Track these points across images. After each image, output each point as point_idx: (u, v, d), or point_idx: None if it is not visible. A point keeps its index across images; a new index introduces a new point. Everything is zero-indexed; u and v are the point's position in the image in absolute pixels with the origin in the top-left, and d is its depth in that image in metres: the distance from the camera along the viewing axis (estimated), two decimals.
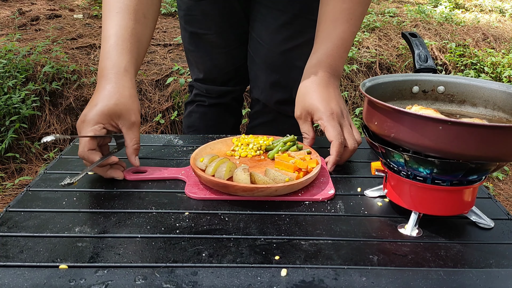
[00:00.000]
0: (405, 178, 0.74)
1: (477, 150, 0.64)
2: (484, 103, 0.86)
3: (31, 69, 2.68)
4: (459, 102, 0.89)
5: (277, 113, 1.41)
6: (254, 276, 0.62)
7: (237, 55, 1.38)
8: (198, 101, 1.47)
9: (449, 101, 0.89)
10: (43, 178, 0.91)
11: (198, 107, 1.47)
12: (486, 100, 0.86)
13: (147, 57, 3.06)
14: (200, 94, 1.46)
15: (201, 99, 1.46)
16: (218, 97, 1.44)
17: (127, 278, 0.61)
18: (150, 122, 2.63)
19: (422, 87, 0.90)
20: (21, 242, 0.69)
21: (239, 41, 1.37)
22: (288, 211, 0.79)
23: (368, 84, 0.83)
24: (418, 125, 0.66)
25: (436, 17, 4.02)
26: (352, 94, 2.78)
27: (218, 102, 1.45)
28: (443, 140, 0.64)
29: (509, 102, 0.82)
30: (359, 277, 0.62)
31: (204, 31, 1.32)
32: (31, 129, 2.55)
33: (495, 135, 0.63)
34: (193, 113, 1.49)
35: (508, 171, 2.43)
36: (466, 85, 0.88)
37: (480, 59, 3.06)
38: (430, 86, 0.90)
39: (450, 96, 0.89)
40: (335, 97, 0.98)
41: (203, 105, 1.46)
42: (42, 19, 3.70)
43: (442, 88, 0.89)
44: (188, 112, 1.51)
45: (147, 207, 0.80)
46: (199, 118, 1.48)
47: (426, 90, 0.90)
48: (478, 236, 0.73)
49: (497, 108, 0.84)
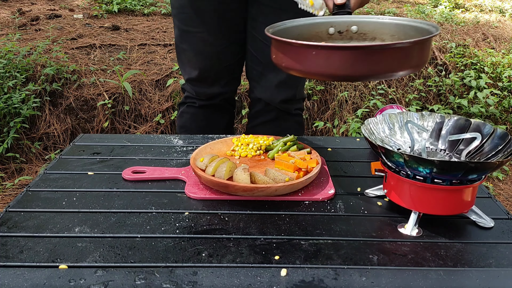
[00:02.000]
0: (404, 177, 0.74)
1: (346, 69, 0.72)
2: (390, 37, 0.92)
3: (31, 69, 2.68)
4: (371, 39, 0.95)
5: (279, 111, 1.42)
6: (254, 276, 0.62)
7: (229, 53, 1.39)
8: (189, 102, 1.48)
9: (363, 39, 0.96)
10: (43, 178, 0.91)
11: (189, 108, 1.48)
12: (392, 35, 0.92)
13: (147, 57, 3.06)
14: (190, 97, 1.47)
15: (191, 100, 1.47)
16: (208, 99, 1.45)
17: (127, 278, 0.61)
18: (150, 122, 2.63)
19: (337, 28, 0.97)
20: (21, 242, 0.69)
21: (233, 39, 1.37)
22: (288, 211, 0.79)
23: (281, 27, 0.91)
24: (297, 52, 0.75)
25: (436, 17, 4.01)
26: (352, 94, 2.78)
27: (208, 104, 1.46)
28: (319, 63, 0.73)
29: (408, 33, 0.89)
30: (359, 277, 0.62)
31: (197, 29, 1.32)
32: (31, 129, 2.55)
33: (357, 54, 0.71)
34: (184, 113, 1.50)
35: (508, 171, 2.43)
36: (375, 23, 0.94)
37: (480, 59, 3.06)
38: (344, 26, 0.96)
39: (363, 35, 0.95)
40: None
41: (193, 106, 1.47)
42: (42, 19, 3.70)
43: (355, 27, 0.95)
44: (180, 113, 1.52)
45: (147, 207, 0.80)
46: (190, 119, 1.49)
47: (341, 31, 0.97)
48: (478, 235, 0.73)
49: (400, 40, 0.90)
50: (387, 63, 0.72)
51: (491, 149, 0.79)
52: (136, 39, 3.35)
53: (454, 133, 0.86)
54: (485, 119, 2.77)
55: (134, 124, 2.65)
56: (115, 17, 3.94)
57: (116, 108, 2.64)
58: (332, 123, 2.68)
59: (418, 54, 0.75)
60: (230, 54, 1.39)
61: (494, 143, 0.79)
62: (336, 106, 2.74)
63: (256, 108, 1.46)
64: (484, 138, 0.81)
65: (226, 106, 1.50)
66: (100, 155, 1.03)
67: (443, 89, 2.90)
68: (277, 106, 1.41)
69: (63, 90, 2.67)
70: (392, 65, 0.73)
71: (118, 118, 2.64)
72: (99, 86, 2.67)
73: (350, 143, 1.13)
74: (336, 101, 2.75)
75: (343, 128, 2.53)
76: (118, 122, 2.64)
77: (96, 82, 2.69)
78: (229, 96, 1.49)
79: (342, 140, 1.17)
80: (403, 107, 1.11)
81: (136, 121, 2.67)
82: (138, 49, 3.19)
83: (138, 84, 2.75)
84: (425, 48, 0.77)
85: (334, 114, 2.74)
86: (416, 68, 0.76)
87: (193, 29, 1.33)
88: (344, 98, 2.76)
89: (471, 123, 0.85)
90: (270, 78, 1.36)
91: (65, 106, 2.63)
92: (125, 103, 2.65)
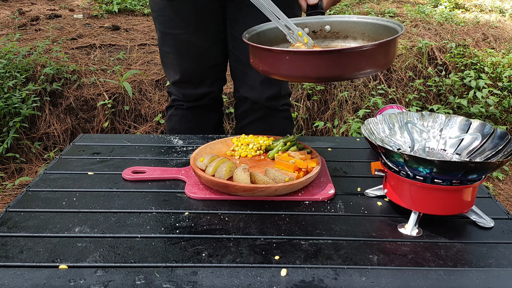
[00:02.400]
0: (404, 177, 0.74)
1: (314, 72, 0.79)
2: (361, 36, 1.00)
3: (31, 69, 2.68)
4: (343, 37, 1.02)
5: (267, 108, 1.42)
6: (254, 276, 0.62)
7: (213, 53, 1.39)
8: (176, 105, 1.48)
9: (335, 37, 1.03)
10: (43, 178, 0.91)
11: (177, 110, 1.48)
12: (362, 33, 1.00)
13: (147, 57, 3.06)
14: (177, 99, 1.47)
15: (179, 103, 1.47)
16: (195, 100, 1.45)
17: (127, 278, 0.61)
18: (150, 122, 2.63)
19: (312, 28, 1.03)
20: (21, 242, 0.69)
21: (215, 39, 1.37)
22: (288, 211, 0.79)
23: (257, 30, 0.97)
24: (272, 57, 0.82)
25: (436, 17, 4.01)
26: (352, 94, 2.78)
27: (196, 105, 1.46)
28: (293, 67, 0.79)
29: (377, 31, 0.96)
30: (359, 277, 0.62)
31: (179, 31, 1.32)
32: (31, 129, 2.55)
33: (323, 59, 0.78)
34: (173, 116, 1.50)
35: (508, 171, 2.43)
36: (346, 22, 1.01)
37: (480, 59, 3.06)
38: (318, 26, 1.03)
39: (336, 33, 1.03)
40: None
41: (181, 108, 1.47)
42: (42, 19, 3.70)
43: (328, 27, 1.02)
44: (169, 116, 1.52)
45: (147, 207, 0.80)
46: (179, 121, 1.49)
47: (315, 31, 1.03)
48: (478, 235, 0.73)
49: (370, 38, 0.99)
50: (355, 65, 0.79)
51: (491, 149, 0.79)
52: (136, 39, 3.35)
53: (454, 133, 0.86)
54: (485, 119, 2.77)
55: (134, 124, 2.65)
56: (115, 17, 3.94)
57: (116, 108, 2.64)
58: (332, 123, 2.68)
59: (384, 54, 0.82)
60: (213, 54, 1.39)
61: (494, 143, 0.79)
62: (336, 106, 2.74)
63: (243, 108, 1.46)
64: (484, 138, 0.81)
65: (214, 105, 1.51)
66: (100, 155, 1.03)
67: (443, 89, 2.90)
68: (264, 104, 1.41)
69: (63, 90, 2.67)
70: (359, 66, 0.79)
71: (118, 118, 2.64)
72: (99, 86, 2.67)
73: (350, 143, 1.13)
74: (336, 101, 2.75)
75: (343, 128, 2.53)
76: (118, 122, 2.64)
77: (96, 82, 2.69)
78: (216, 95, 1.49)
79: (342, 140, 1.17)
80: (403, 107, 1.11)
81: (136, 121, 2.67)
82: (138, 49, 3.19)
83: (138, 84, 2.75)
84: (390, 48, 0.83)
85: (334, 114, 2.74)
86: (383, 67, 0.83)
87: (174, 31, 1.33)
88: (344, 98, 2.76)
89: (471, 123, 0.85)
90: (254, 76, 1.36)
91: (65, 106, 2.63)
92: (125, 103, 2.65)
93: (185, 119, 1.48)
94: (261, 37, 0.96)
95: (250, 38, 0.94)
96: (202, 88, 1.42)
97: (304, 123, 2.70)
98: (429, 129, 0.88)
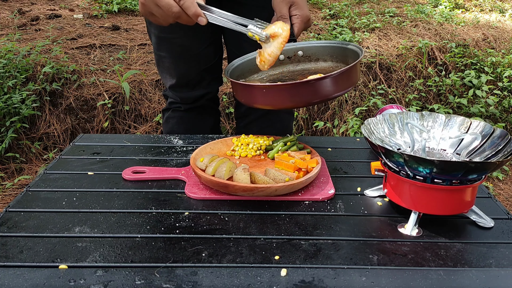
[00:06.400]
0: (404, 177, 0.74)
1: (289, 101, 0.89)
2: (330, 58, 1.12)
3: (31, 69, 2.68)
4: (315, 60, 1.13)
5: None
6: (254, 276, 0.62)
7: (208, 55, 1.39)
8: (174, 107, 1.48)
9: (308, 61, 1.14)
10: (43, 178, 0.91)
11: (175, 113, 1.48)
12: (331, 55, 1.12)
13: (147, 57, 3.06)
14: (175, 102, 1.47)
15: (177, 105, 1.47)
16: (193, 102, 1.45)
17: (127, 278, 0.61)
18: (150, 122, 2.63)
19: (286, 54, 1.14)
20: (21, 242, 0.69)
21: (210, 41, 1.37)
22: (288, 211, 0.79)
23: (237, 63, 1.08)
24: (252, 91, 0.93)
25: (436, 17, 4.01)
26: (352, 94, 2.78)
27: (193, 107, 1.46)
28: (269, 97, 0.90)
29: (344, 54, 1.07)
30: (359, 277, 0.62)
31: (174, 35, 1.32)
32: (31, 129, 2.55)
33: (291, 88, 0.87)
34: (171, 118, 1.50)
35: (508, 171, 2.43)
36: (316, 47, 1.12)
37: (480, 59, 3.06)
38: (291, 52, 1.14)
39: (308, 57, 1.14)
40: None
41: (179, 110, 1.47)
42: (42, 19, 3.70)
43: (301, 52, 1.13)
44: (166, 118, 1.52)
45: (147, 207, 0.80)
46: (177, 123, 1.49)
47: (290, 56, 1.14)
48: (478, 235, 0.73)
49: (338, 60, 1.10)
50: (324, 91, 0.89)
51: (491, 149, 0.79)
52: (136, 39, 3.35)
53: (454, 133, 0.86)
54: (485, 119, 2.77)
55: (134, 124, 2.65)
56: (115, 17, 3.94)
57: (116, 108, 2.64)
58: (332, 123, 2.68)
59: (347, 78, 0.91)
60: (209, 55, 1.39)
61: (494, 143, 0.79)
62: (336, 106, 2.74)
63: (243, 107, 1.46)
64: (484, 138, 0.81)
65: (211, 105, 1.51)
66: (100, 155, 1.03)
67: (443, 89, 2.90)
68: None
69: (63, 90, 2.67)
70: (328, 91, 0.89)
71: (118, 118, 2.64)
72: (99, 86, 2.67)
73: (350, 143, 1.13)
74: (336, 101, 2.75)
75: (343, 128, 2.53)
76: (118, 122, 2.64)
77: (96, 82, 2.69)
78: (213, 96, 1.49)
79: (342, 140, 1.17)
80: (403, 107, 1.11)
81: (136, 121, 2.67)
82: (138, 49, 3.19)
83: (138, 84, 2.75)
84: (351, 73, 0.92)
85: (334, 114, 2.74)
86: (349, 88, 0.93)
87: (170, 35, 1.33)
88: (344, 98, 2.76)
89: (471, 123, 0.85)
90: None
91: (65, 106, 2.63)
92: (125, 103, 2.65)
93: (182, 120, 1.48)
94: (243, 68, 1.08)
95: (232, 73, 1.03)
96: (199, 90, 1.42)
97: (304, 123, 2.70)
98: (429, 129, 0.88)
